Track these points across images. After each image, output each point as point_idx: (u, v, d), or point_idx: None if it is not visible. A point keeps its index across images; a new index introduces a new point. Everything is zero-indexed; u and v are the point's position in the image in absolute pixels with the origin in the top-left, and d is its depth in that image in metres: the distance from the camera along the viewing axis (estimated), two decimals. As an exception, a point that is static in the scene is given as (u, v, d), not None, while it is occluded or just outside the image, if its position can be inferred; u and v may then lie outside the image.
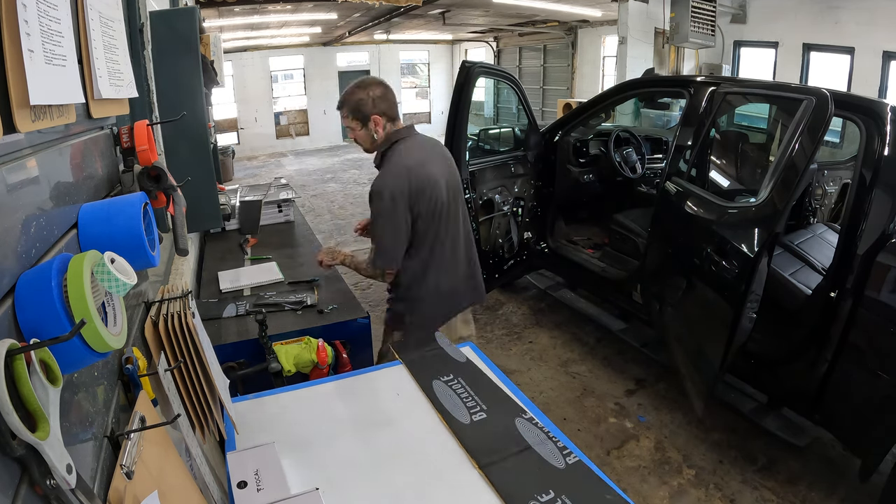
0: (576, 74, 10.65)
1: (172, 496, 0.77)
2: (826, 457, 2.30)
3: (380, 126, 1.84)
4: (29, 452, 0.47)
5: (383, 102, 1.83)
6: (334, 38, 11.89)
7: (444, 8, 8.41)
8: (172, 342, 1.00)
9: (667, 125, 6.08)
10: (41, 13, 0.62)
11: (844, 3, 5.49)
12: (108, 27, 0.95)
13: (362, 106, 1.82)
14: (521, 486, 0.99)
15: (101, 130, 0.98)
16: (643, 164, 3.85)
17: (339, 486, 1.01)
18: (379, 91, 1.83)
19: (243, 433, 1.15)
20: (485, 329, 3.57)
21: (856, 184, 2.01)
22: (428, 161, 1.85)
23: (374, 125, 1.83)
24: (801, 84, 5.35)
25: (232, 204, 3.00)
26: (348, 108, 1.85)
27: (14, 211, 0.58)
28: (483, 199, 3.22)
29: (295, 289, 2.17)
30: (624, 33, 6.65)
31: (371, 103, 1.82)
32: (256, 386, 1.52)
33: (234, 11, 7.14)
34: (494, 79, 3.46)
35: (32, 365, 0.49)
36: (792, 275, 2.53)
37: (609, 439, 2.50)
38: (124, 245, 0.77)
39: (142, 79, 1.39)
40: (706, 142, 2.45)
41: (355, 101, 1.83)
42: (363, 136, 1.87)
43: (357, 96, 1.83)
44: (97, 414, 0.71)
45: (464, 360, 1.40)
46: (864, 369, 1.89)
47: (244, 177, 9.51)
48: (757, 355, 2.28)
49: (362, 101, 1.82)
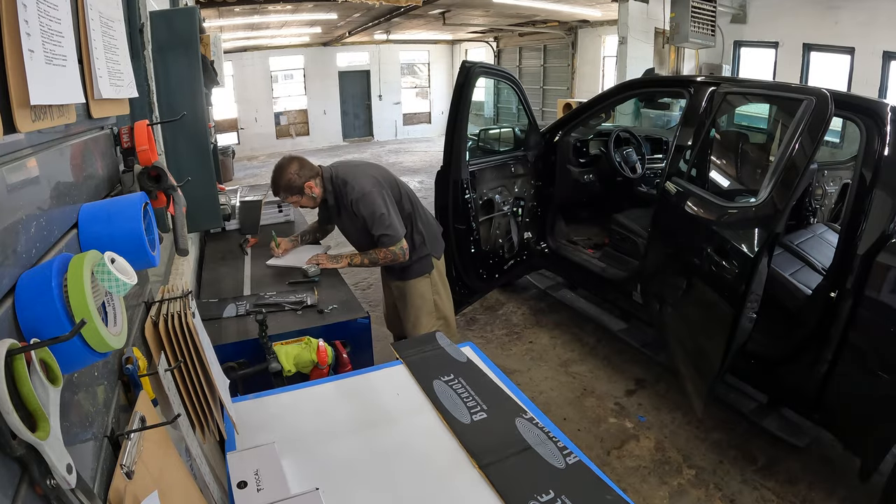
0: (576, 74, 10.65)
1: (172, 496, 0.77)
2: (826, 457, 2.29)
3: (313, 187, 2.25)
4: (29, 452, 0.47)
5: (304, 170, 2.24)
6: (334, 38, 11.90)
7: (444, 8, 8.42)
8: (172, 342, 1.00)
9: (667, 125, 6.08)
10: (41, 13, 0.62)
11: (844, 3, 5.49)
12: (108, 27, 0.95)
13: (292, 183, 2.22)
14: (521, 486, 0.99)
15: (101, 130, 0.98)
16: (643, 164, 3.85)
17: (339, 486, 1.01)
18: (296, 165, 2.24)
19: (243, 433, 1.15)
20: (485, 329, 3.57)
21: (856, 184, 2.01)
22: (363, 170, 2.32)
23: (308, 189, 2.25)
24: (801, 84, 5.36)
25: (232, 204, 3.00)
26: (283, 191, 2.25)
27: (14, 211, 0.58)
28: (483, 199, 3.22)
29: (295, 289, 2.17)
30: (624, 33, 6.65)
31: (297, 177, 2.21)
32: (256, 386, 1.52)
33: (234, 11, 7.14)
34: (494, 79, 3.45)
35: (32, 365, 0.49)
36: (792, 275, 2.53)
37: (609, 439, 2.50)
38: (124, 245, 0.77)
39: (142, 79, 1.39)
40: (706, 142, 2.45)
41: (285, 183, 2.22)
42: (307, 201, 2.29)
43: (285, 178, 2.22)
44: (97, 414, 0.71)
45: (464, 360, 1.41)
46: (864, 369, 1.89)
47: (244, 177, 9.51)
48: (757, 355, 2.28)
49: (290, 179, 2.21)
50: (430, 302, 2.48)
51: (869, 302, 1.88)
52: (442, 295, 2.53)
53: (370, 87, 13.79)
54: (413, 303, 2.47)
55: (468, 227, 3.08)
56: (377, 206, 2.20)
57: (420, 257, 2.40)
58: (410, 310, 2.48)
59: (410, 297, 2.46)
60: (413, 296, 2.46)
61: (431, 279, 2.46)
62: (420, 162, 10.44)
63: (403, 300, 2.50)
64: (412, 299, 2.46)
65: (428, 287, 2.46)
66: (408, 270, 2.42)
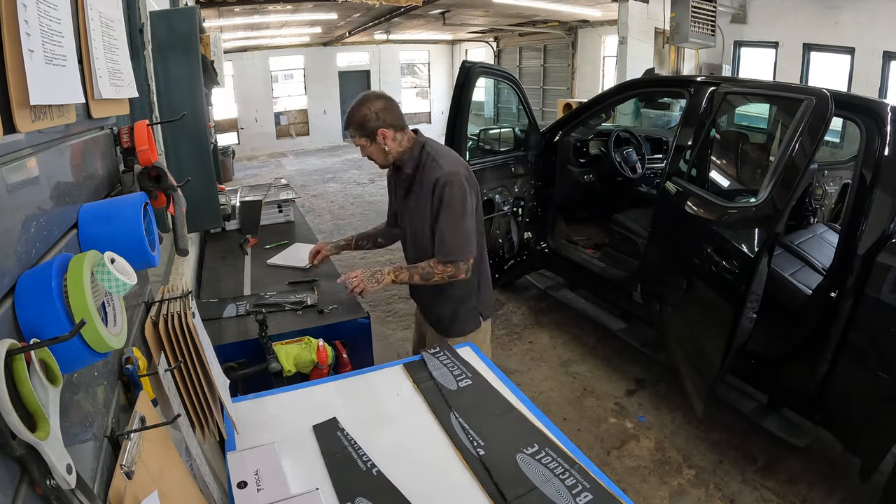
0: (576, 74, 10.65)
1: (172, 496, 0.77)
2: (826, 457, 2.29)
3: (388, 138, 1.79)
4: (29, 452, 0.47)
5: (387, 114, 1.79)
6: (334, 38, 11.90)
7: (444, 8, 8.41)
8: (172, 342, 1.00)
9: (667, 125, 6.08)
10: (41, 13, 0.62)
11: (844, 3, 5.49)
12: (108, 27, 0.95)
13: (366, 122, 1.78)
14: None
15: (101, 130, 0.98)
16: (643, 164, 3.85)
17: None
18: (381, 104, 1.79)
19: (243, 433, 1.15)
20: (485, 329, 3.57)
21: (856, 184, 2.01)
22: (458, 159, 1.85)
23: (381, 138, 1.78)
24: (801, 84, 5.35)
25: (232, 204, 3.00)
26: (353, 127, 1.81)
27: (14, 211, 0.58)
28: (483, 199, 3.22)
29: (295, 289, 2.17)
30: (624, 33, 6.65)
31: (375, 117, 1.77)
32: (256, 386, 1.52)
33: (234, 11, 7.14)
34: (494, 79, 3.46)
35: (32, 365, 0.49)
36: (792, 275, 2.53)
37: (609, 439, 2.50)
38: (124, 245, 0.77)
39: (142, 79, 1.40)
40: (706, 142, 2.45)
41: (359, 118, 1.79)
42: (374, 152, 1.82)
43: (360, 113, 1.78)
44: (97, 414, 0.71)
45: (454, 388, 1.31)
46: (864, 369, 1.89)
47: (244, 177, 9.51)
48: (757, 355, 2.28)
49: (366, 116, 1.77)
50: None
51: (869, 302, 1.88)
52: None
53: (370, 87, 13.79)
54: None
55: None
56: (464, 202, 1.72)
57: (464, 306, 1.88)
58: None
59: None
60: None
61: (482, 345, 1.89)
62: (420, 162, 10.41)
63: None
64: None
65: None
66: (453, 323, 1.90)
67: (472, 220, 1.76)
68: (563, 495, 0.96)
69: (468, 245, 1.73)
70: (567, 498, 0.95)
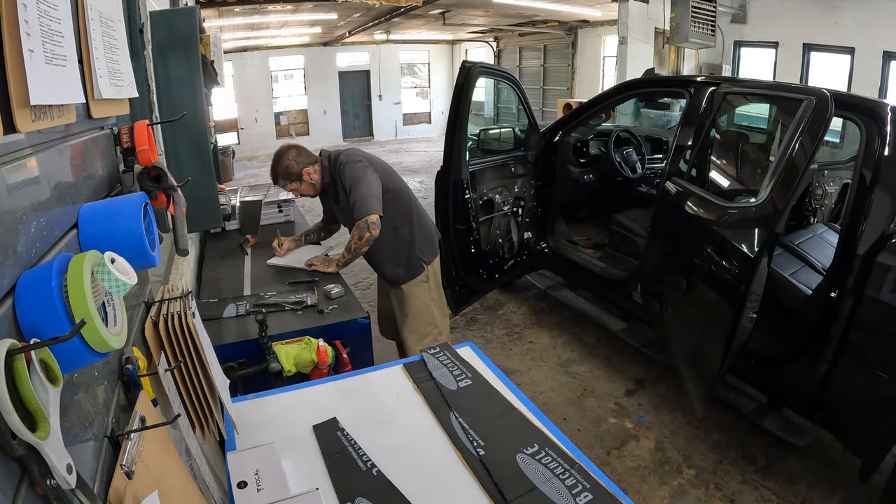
0: (576, 74, 10.66)
1: (172, 496, 0.77)
2: (826, 457, 2.29)
3: (312, 174, 2.22)
4: (29, 452, 0.47)
5: (302, 157, 2.22)
6: (334, 38, 11.90)
7: (444, 8, 8.42)
8: (172, 342, 1.00)
9: (667, 125, 6.08)
10: (41, 13, 0.62)
11: (844, 3, 5.49)
12: (108, 27, 0.95)
13: (290, 170, 2.19)
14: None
15: (101, 130, 0.98)
16: (643, 164, 3.85)
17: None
18: (294, 152, 2.22)
19: (243, 433, 1.15)
20: (485, 329, 3.57)
21: (856, 184, 2.01)
22: (359, 151, 2.29)
23: (308, 176, 2.22)
24: (801, 84, 5.36)
25: (232, 204, 3.00)
26: (282, 178, 2.22)
27: (14, 211, 0.58)
28: (483, 199, 3.22)
29: (295, 289, 2.17)
30: (624, 33, 6.66)
31: (295, 163, 2.19)
32: (256, 386, 1.52)
33: (234, 11, 7.14)
34: (494, 79, 3.45)
35: (32, 365, 0.49)
36: (792, 275, 2.53)
37: (609, 439, 2.50)
38: (124, 245, 0.77)
39: (142, 79, 1.39)
40: (706, 142, 2.45)
41: (283, 169, 2.19)
42: (305, 189, 2.26)
43: (283, 165, 2.19)
44: (97, 414, 0.71)
45: (454, 387, 1.32)
46: (864, 369, 1.89)
47: (244, 177, 9.51)
48: (757, 355, 2.28)
49: (289, 166, 2.19)
50: (429, 310, 2.42)
51: (869, 302, 1.87)
52: (438, 303, 2.47)
53: (370, 87, 13.79)
54: (411, 311, 2.39)
55: (468, 227, 3.08)
56: (359, 174, 2.13)
57: (409, 258, 2.33)
58: (408, 317, 2.40)
59: (410, 304, 2.39)
60: (412, 304, 2.39)
61: (429, 286, 2.40)
62: (420, 162, 10.44)
63: (402, 308, 2.42)
64: (411, 307, 2.39)
65: (426, 294, 2.40)
66: (400, 274, 2.34)
67: (370, 185, 2.11)
68: (563, 495, 0.96)
69: (366, 206, 2.08)
70: (567, 498, 0.95)
